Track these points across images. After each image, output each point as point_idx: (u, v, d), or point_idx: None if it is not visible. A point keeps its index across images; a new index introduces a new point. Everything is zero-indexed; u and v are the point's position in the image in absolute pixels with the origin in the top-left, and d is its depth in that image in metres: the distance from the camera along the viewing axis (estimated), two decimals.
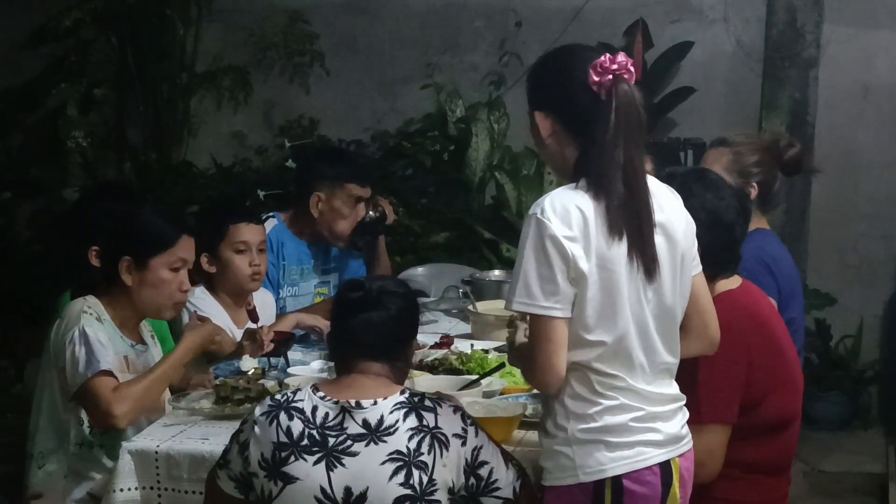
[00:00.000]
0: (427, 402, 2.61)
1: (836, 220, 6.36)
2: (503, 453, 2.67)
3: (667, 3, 6.45)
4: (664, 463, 2.58)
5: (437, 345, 3.91)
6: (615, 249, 2.49)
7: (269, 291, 4.17)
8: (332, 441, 2.57)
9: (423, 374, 3.42)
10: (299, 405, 2.61)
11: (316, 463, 2.56)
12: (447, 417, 2.59)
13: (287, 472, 2.58)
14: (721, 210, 2.90)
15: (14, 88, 6.80)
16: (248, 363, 3.59)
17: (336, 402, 2.59)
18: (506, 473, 2.62)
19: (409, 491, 2.54)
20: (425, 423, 2.57)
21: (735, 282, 3.00)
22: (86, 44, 6.82)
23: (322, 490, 2.56)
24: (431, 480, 2.55)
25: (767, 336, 2.96)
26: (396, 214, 6.19)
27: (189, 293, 3.39)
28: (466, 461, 2.58)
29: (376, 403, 2.58)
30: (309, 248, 4.37)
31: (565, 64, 2.58)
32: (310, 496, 2.56)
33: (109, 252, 3.23)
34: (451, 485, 2.58)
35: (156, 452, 2.92)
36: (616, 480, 2.53)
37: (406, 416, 2.57)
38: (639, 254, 2.50)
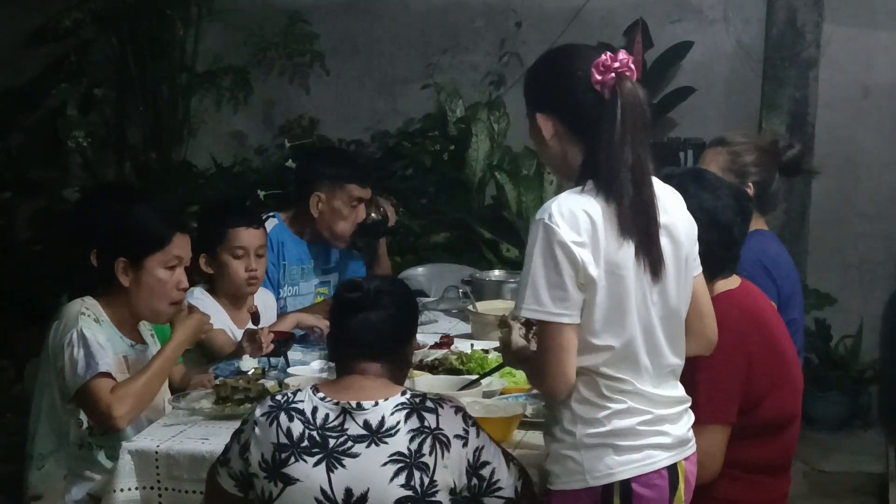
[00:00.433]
0: (428, 403, 2.60)
1: (836, 220, 6.36)
2: (504, 453, 2.67)
3: (667, 3, 6.45)
4: (671, 466, 2.58)
5: (437, 345, 3.92)
6: (623, 252, 2.48)
7: (270, 291, 4.17)
8: (333, 442, 2.56)
9: (423, 374, 3.42)
10: (299, 406, 2.60)
11: (316, 464, 2.56)
12: (448, 418, 2.59)
13: (287, 474, 2.57)
14: (718, 210, 2.90)
15: (14, 88, 6.80)
16: (248, 363, 3.59)
17: (336, 404, 2.59)
18: (507, 473, 2.62)
19: (410, 492, 2.54)
20: (426, 425, 2.56)
21: (734, 282, 3.00)
22: (86, 44, 6.82)
23: (322, 491, 2.55)
24: (432, 482, 2.55)
25: (767, 336, 2.96)
26: (397, 214, 6.20)
27: (188, 293, 3.39)
28: (468, 462, 2.58)
29: (377, 405, 2.58)
30: (309, 248, 4.37)
31: (566, 64, 2.56)
32: (310, 497, 2.56)
33: (105, 253, 3.23)
34: (453, 486, 2.58)
35: (156, 452, 2.92)
36: (625, 484, 2.53)
37: (407, 418, 2.57)
38: (646, 254, 2.50)
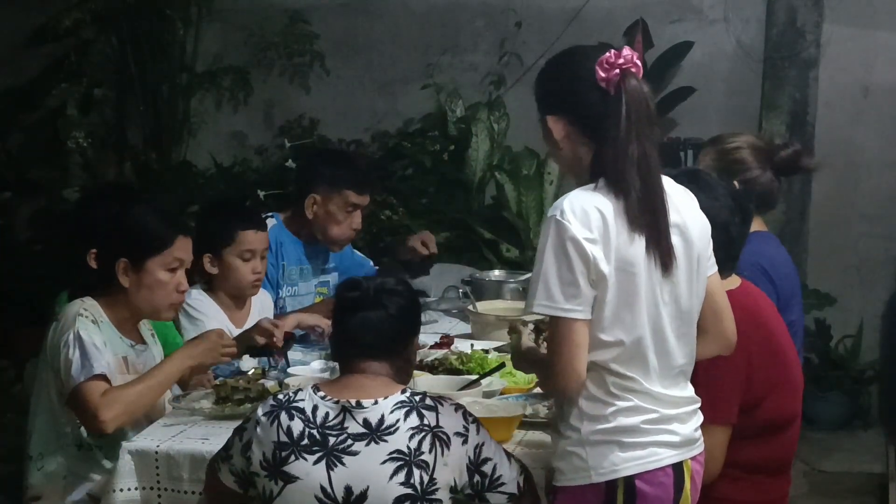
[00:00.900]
0: (428, 401, 2.61)
1: (836, 220, 6.36)
2: (504, 450, 2.67)
3: (667, 3, 6.45)
4: (677, 464, 2.58)
5: (437, 345, 3.92)
6: (634, 248, 2.49)
7: (269, 292, 4.17)
8: (333, 440, 2.57)
9: (423, 374, 3.42)
10: (300, 405, 2.61)
11: (316, 462, 2.56)
12: (448, 416, 2.59)
13: (287, 472, 2.58)
14: (714, 210, 2.90)
15: (14, 88, 6.80)
16: (248, 363, 3.59)
17: (336, 402, 2.59)
18: (509, 469, 2.63)
19: (410, 490, 2.54)
20: (426, 423, 2.57)
21: (734, 282, 3.00)
22: (86, 44, 6.82)
23: (322, 489, 2.56)
24: (432, 480, 2.55)
25: (767, 336, 2.96)
26: (397, 214, 6.21)
27: (186, 294, 3.39)
28: (469, 459, 2.59)
29: (377, 403, 2.58)
30: (307, 249, 4.36)
31: (571, 64, 2.58)
32: (310, 495, 2.56)
33: (106, 254, 3.22)
34: (454, 484, 2.58)
35: (156, 452, 2.92)
36: (628, 481, 2.53)
37: (407, 416, 2.57)
38: (655, 249, 2.50)
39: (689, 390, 2.66)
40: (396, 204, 6.24)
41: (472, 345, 3.82)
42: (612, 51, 2.51)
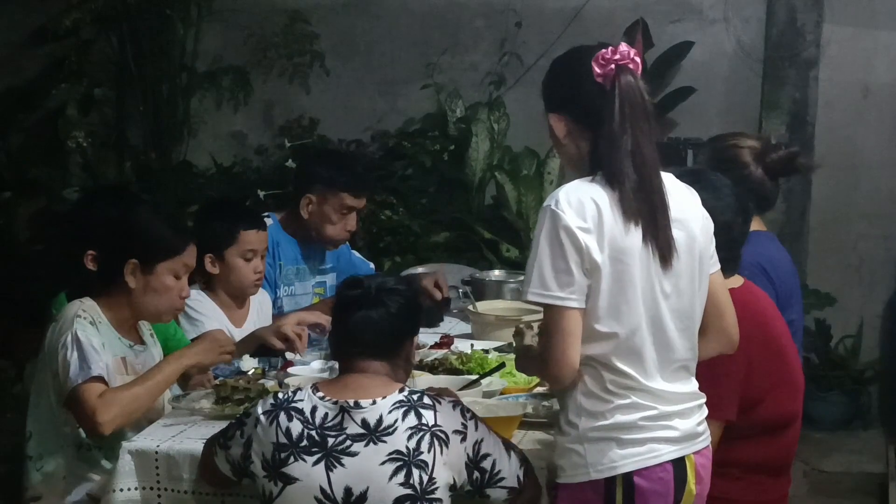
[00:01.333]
0: (426, 400, 2.61)
1: (836, 220, 6.36)
2: (504, 443, 2.67)
3: (667, 3, 6.45)
4: (678, 460, 2.58)
5: (437, 345, 3.91)
6: (629, 239, 2.50)
7: (267, 292, 4.17)
8: (332, 441, 2.57)
9: (423, 374, 3.42)
10: (299, 405, 2.61)
11: (315, 463, 2.56)
12: (446, 414, 2.59)
13: (287, 473, 2.58)
14: (718, 210, 2.90)
15: (14, 88, 6.80)
16: (248, 363, 3.59)
17: (335, 403, 2.60)
18: (509, 463, 2.63)
19: (410, 490, 2.54)
20: (424, 422, 2.57)
21: (737, 281, 3.01)
22: (86, 44, 6.82)
23: (322, 490, 2.56)
24: (432, 479, 2.55)
25: (768, 335, 2.96)
26: (397, 214, 6.21)
27: None
28: (468, 456, 2.59)
29: (375, 403, 2.59)
30: (302, 249, 4.36)
31: (571, 63, 2.63)
32: (310, 496, 2.57)
33: (113, 253, 3.21)
34: (453, 482, 2.58)
35: (156, 452, 2.92)
36: (627, 477, 2.53)
37: (405, 416, 2.57)
38: (653, 241, 2.52)
39: (693, 385, 2.66)
40: (396, 204, 6.24)
41: (472, 345, 3.82)
42: (610, 48, 2.54)
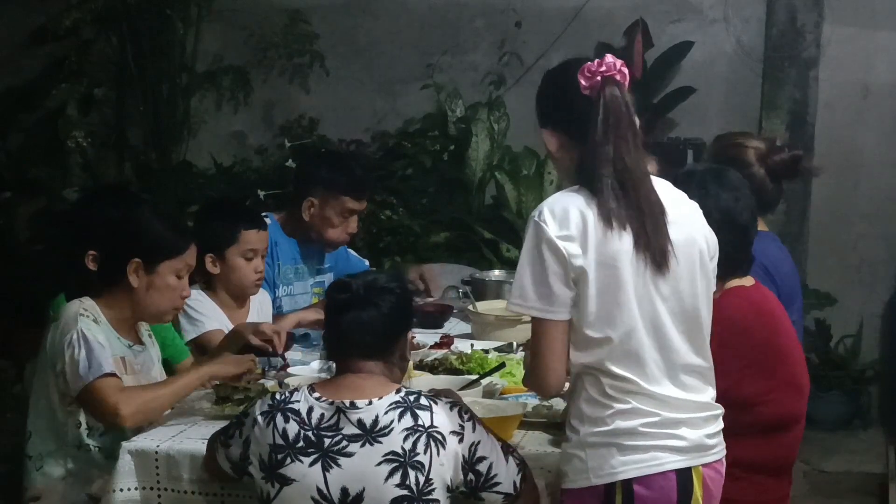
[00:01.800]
0: (422, 401, 2.60)
1: (836, 220, 6.36)
2: (504, 447, 2.67)
3: (667, 3, 6.45)
4: (683, 470, 2.56)
5: (437, 345, 3.91)
6: (616, 244, 2.50)
7: (267, 292, 4.17)
8: (328, 442, 2.57)
9: (423, 374, 3.42)
10: (295, 406, 2.61)
11: (312, 464, 2.57)
12: (443, 415, 2.59)
13: (283, 474, 2.58)
14: (737, 211, 2.90)
15: (14, 88, 6.80)
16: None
17: (331, 403, 2.59)
18: (506, 468, 2.62)
19: (406, 492, 2.54)
20: (420, 423, 2.57)
21: (748, 281, 3.01)
22: (86, 44, 6.82)
23: (318, 491, 2.56)
24: (428, 480, 2.55)
25: (772, 333, 2.96)
26: (397, 214, 6.21)
27: None
28: (464, 457, 2.58)
29: (371, 403, 2.58)
30: (301, 249, 4.36)
31: (560, 77, 2.65)
32: (307, 497, 2.57)
33: (115, 253, 3.21)
34: (449, 482, 2.58)
35: (156, 452, 2.92)
36: (627, 484, 2.52)
37: (401, 417, 2.57)
38: (646, 245, 2.52)
39: (707, 396, 2.63)
40: (396, 204, 6.24)
41: (472, 345, 3.82)
42: (597, 60, 2.56)
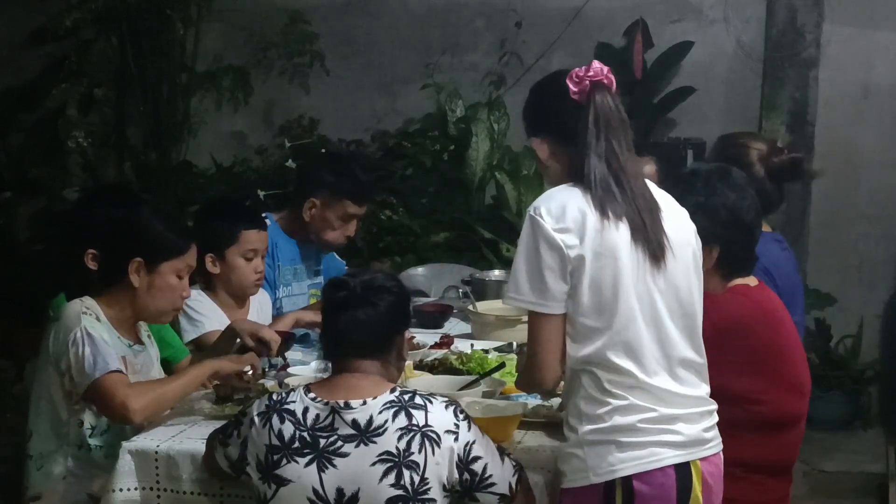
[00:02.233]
0: (417, 400, 2.60)
1: (836, 220, 6.37)
2: (499, 449, 2.66)
3: (667, 3, 6.45)
4: (682, 465, 2.57)
5: (437, 345, 3.91)
6: (614, 235, 2.52)
7: (267, 292, 4.17)
8: (323, 442, 2.57)
9: (423, 374, 3.42)
10: (291, 407, 2.62)
11: (308, 465, 2.57)
12: (438, 414, 2.59)
13: (280, 475, 2.59)
14: (743, 210, 2.90)
15: (14, 88, 6.81)
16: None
17: (326, 403, 2.60)
18: (501, 469, 2.62)
19: (401, 491, 2.54)
20: (415, 422, 2.57)
21: (752, 281, 3.02)
22: (86, 44, 6.82)
23: (314, 491, 2.56)
24: (424, 480, 2.55)
25: (774, 332, 2.96)
26: (397, 214, 6.21)
27: None
28: (459, 456, 2.58)
29: (365, 403, 2.59)
30: (300, 249, 4.36)
31: (547, 86, 2.70)
32: (303, 497, 2.57)
33: (116, 253, 3.21)
34: (446, 482, 2.58)
35: (156, 452, 2.92)
36: (626, 481, 2.53)
37: (395, 416, 2.57)
38: (644, 238, 2.54)
39: (702, 391, 2.65)
40: (396, 204, 6.24)
41: (472, 345, 3.82)
42: (584, 67, 2.60)
